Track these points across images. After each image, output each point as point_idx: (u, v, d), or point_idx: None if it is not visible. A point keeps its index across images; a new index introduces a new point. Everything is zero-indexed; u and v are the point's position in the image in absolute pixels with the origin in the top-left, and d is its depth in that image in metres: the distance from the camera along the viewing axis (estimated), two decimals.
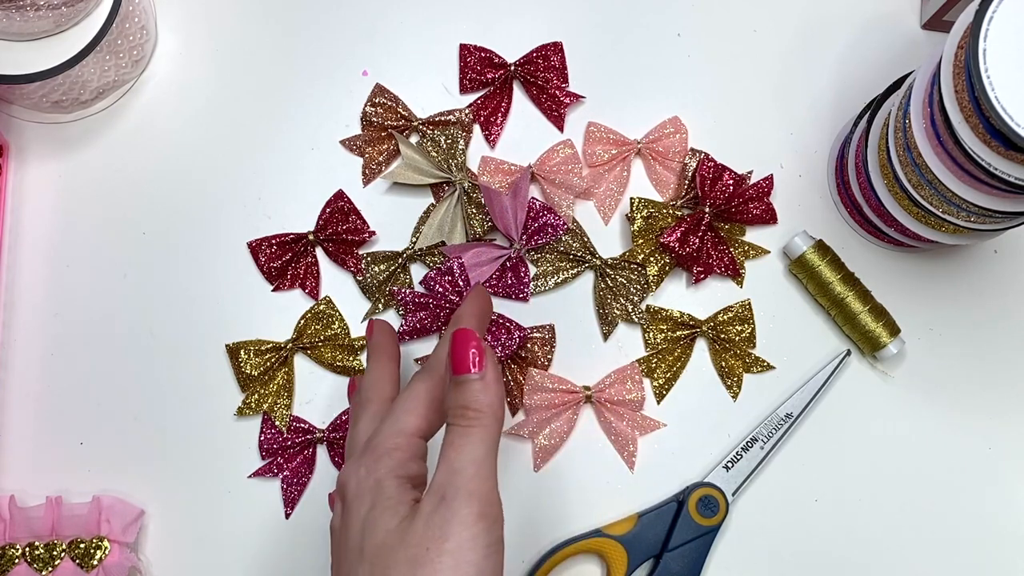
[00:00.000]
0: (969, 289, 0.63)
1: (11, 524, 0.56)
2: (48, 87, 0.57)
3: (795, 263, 0.62)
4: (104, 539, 0.56)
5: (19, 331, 0.61)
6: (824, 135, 0.64)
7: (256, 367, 0.59)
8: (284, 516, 0.59)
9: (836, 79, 0.65)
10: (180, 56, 0.64)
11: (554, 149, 0.62)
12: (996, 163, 0.48)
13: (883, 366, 0.62)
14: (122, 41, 0.59)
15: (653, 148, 0.63)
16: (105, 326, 0.61)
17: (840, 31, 0.65)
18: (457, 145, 0.62)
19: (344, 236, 0.61)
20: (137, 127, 0.63)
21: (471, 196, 0.61)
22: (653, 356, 0.61)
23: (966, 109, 0.48)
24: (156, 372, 0.60)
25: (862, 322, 0.60)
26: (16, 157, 0.62)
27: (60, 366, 0.60)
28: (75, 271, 0.61)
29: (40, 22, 0.54)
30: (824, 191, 0.64)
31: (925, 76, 0.52)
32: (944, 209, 0.54)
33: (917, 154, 0.53)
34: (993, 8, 0.46)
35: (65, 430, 0.60)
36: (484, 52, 0.63)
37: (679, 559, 0.58)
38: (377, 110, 0.63)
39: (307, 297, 0.61)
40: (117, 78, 0.61)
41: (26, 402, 0.60)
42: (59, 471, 0.59)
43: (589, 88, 0.64)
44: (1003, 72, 0.46)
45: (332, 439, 0.60)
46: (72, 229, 0.62)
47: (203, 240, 0.62)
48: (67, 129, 0.63)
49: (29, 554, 0.56)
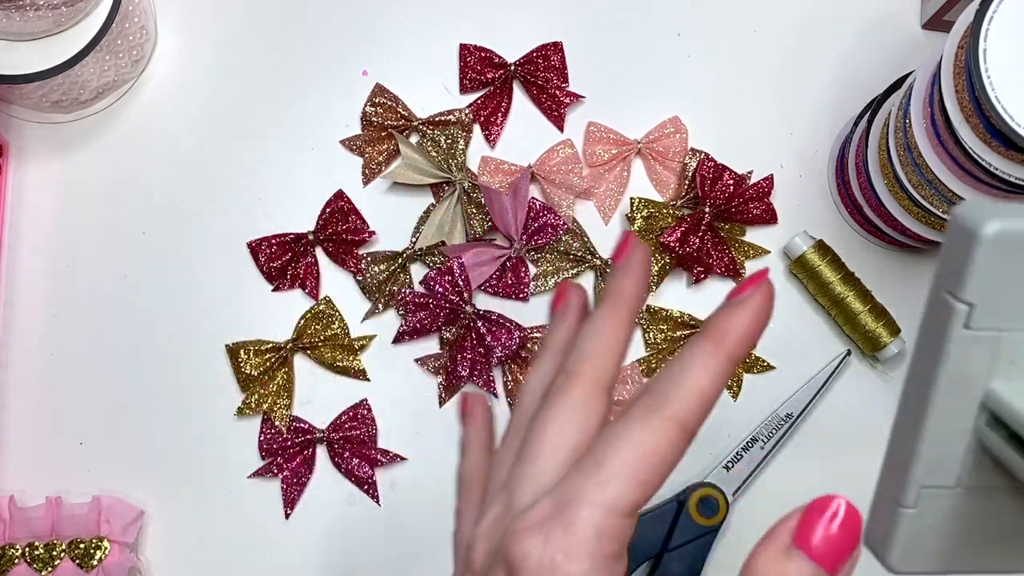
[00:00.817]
0: None
1: (11, 524, 0.56)
2: (48, 87, 0.57)
3: (795, 263, 0.62)
4: (104, 539, 0.56)
5: (19, 331, 0.61)
6: (824, 135, 0.64)
7: (256, 367, 0.59)
8: (284, 516, 0.59)
9: (836, 79, 0.65)
10: (180, 56, 0.64)
11: (554, 149, 0.62)
12: (996, 163, 0.48)
13: (883, 366, 0.62)
14: (122, 41, 0.59)
15: (653, 148, 0.63)
16: (105, 326, 0.61)
17: (840, 31, 0.65)
18: (457, 145, 0.62)
19: (344, 236, 0.61)
20: (137, 127, 0.63)
21: (471, 196, 0.61)
22: (653, 356, 0.61)
23: (966, 109, 0.48)
24: (156, 372, 0.60)
25: (862, 322, 0.60)
26: (16, 157, 0.62)
27: (60, 366, 0.60)
28: (75, 271, 0.61)
29: (40, 22, 0.54)
30: (824, 191, 0.64)
31: (925, 76, 0.52)
32: (944, 209, 0.54)
33: (917, 154, 0.53)
34: (993, 8, 0.46)
35: (65, 430, 0.60)
36: (484, 52, 0.63)
37: (679, 559, 0.58)
38: (377, 110, 0.63)
39: (307, 297, 0.61)
40: (117, 78, 0.61)
41: (26, 402, 0.60)
42: (59, 471, 0.59)
43: (589, 88, 0.64)
44: (1003, 72, 0.46)
45: (332, 439, 0.59)
46: (72, 229, 0.62)
47: (203, 240, 0.62)
48: (67, 129, 0.63)
49: (29, 554, 0.56)
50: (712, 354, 0.32)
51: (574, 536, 0.30)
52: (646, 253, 0.36)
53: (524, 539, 0.31)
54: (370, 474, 0.59)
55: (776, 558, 0.30)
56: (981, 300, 0.29)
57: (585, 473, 0.31)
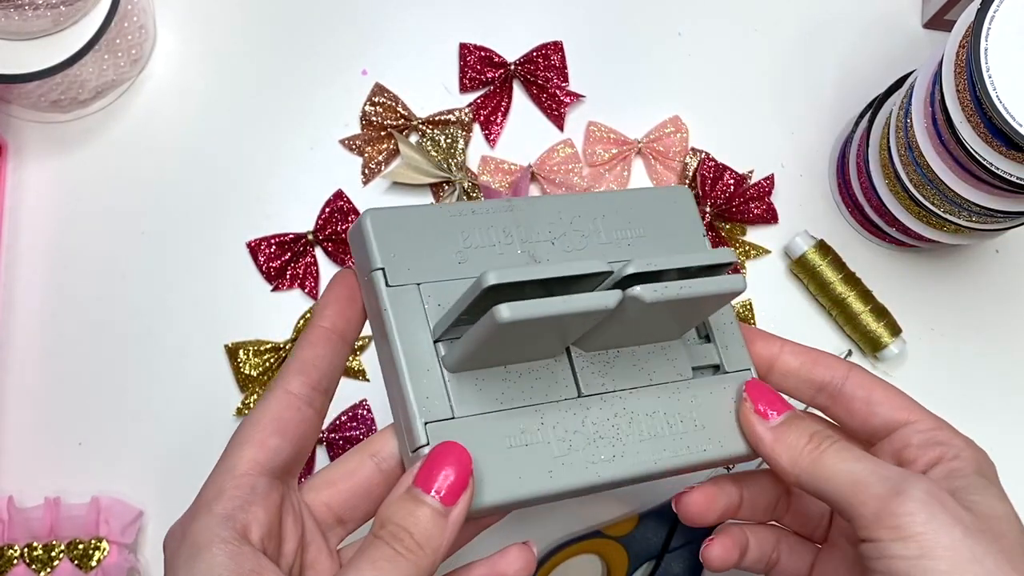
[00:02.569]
0: (971, 289, 0.63)
1: (9, 525, 0.56)
2: (46, 86, 0.57)
3: (796, 263, 0.62)
4: (103, 540, 0.56)
5: (17, 331, 0.60)
6: (825, 135, 0.64)
7: (255, 367, 0.59)
8: None
9: (837, 78, 0.65)
10: (179, 55, 0.64)
11: (554, 148, 0.62)
12: (998, 162, 0.48)
13: (884, 366, 0.62)
14: (120, 40, 0.58)
15: (653, 148, 0.63)
16: (104, 326, 0.61)
17: (841, 30, 0.65)
18: (457, 144, 0.62)
19: (344, 236, 0.61)
20: (136, 126, 0.63)
21: (471, 196, 0.61)
22: None
23: (968, 108, 0.47)
24: (155, 372, 0.60)
25: (863, 322, 0.60)
26: (14, 157, 0.62)
27: (59, 366, 0.60)
28: (74, 271, 0.61)
29: (38, 21, 0.53)
30: (825, 191, 0.64)
31: (926, 75, 0.52)
32: (946, 209, 0.54)
33: (919, 153, 0.53)
34: (995, 7, 0.46)
35: (64, 430, 0.60)
36: (484, 51, 0.63)
37: (680, 560, 0.58)
38: (377, 109, 0.63)
39: (306, 297, 0.61)
40: (116, 77, 0.61)
41: (24, 402, 0.60)
42: (58, 471, 0.59)
43: (589, 88, 0.64)
44: (1005, 71, 0.45)
45: (331, 440, 0.59)
46: (71, 229, 0.61)
47: (202, 240, 0.62)
48: (66, 128, 0.62)
49: (27, 555, 0.56)
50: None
51: (195, 505, 0.39)
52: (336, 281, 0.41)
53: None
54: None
55: (403, 500, 0.35)
56: (387, 263, 0.39)
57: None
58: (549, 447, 0.39)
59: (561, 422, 0.40)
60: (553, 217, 0.42)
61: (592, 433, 0.40)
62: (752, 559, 0.45)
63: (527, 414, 0.40)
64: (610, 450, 0.40)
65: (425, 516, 0.35)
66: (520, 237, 0.42)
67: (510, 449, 0.39)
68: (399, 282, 0.39)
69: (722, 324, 0.44)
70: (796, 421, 0.41)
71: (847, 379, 0.43)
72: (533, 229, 0.42)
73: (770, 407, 0.42)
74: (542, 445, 0.39)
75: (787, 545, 0.46)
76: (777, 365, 0.44)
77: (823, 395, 0.44)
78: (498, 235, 0.41)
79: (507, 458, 0.39)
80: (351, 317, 0.40)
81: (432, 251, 0.40)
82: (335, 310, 0.40)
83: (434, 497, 0.35)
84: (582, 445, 0.40)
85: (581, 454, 0.40)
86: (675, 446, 0.41)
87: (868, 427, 0.43)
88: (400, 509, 0.35)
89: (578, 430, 0.40)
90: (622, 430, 0.41)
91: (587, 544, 0.58)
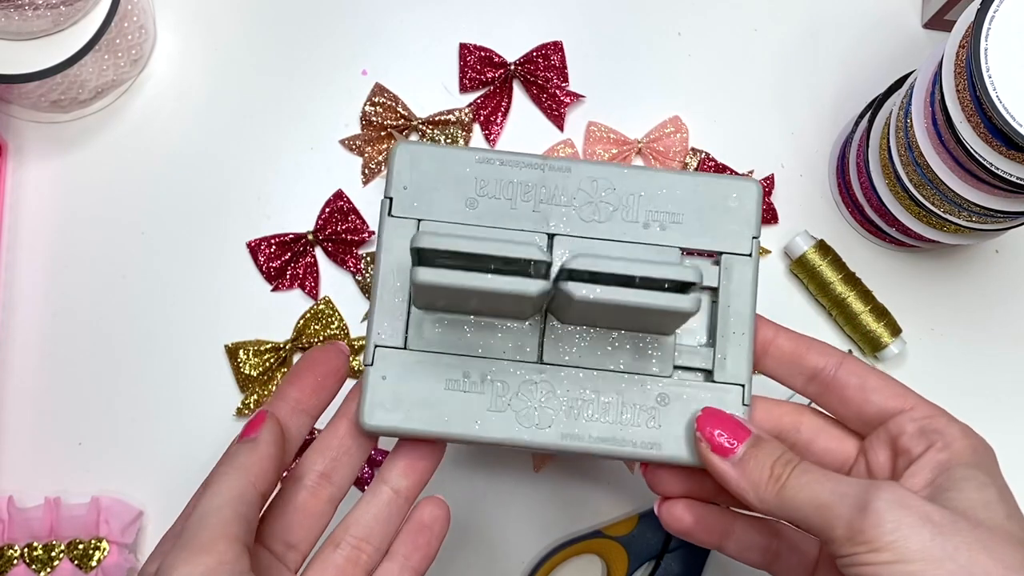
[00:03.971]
0: (971, 289, 0.63)
1: (9, 525, 0.56)
2: (47, 86, 0.57)
3: (796, 263, 0.62)
4: (103, 540, 0.56)
5: (18, 331, 0.60)
6: (825, 135, 0.64)
7: (255, 367, 0.59)
8: None
9: (837, 78, 0.65)
10: (179, 55, 0.64)
11: (554, 149, 0.62)
12: (998, 162, 0.48)
13: (885, 366, 0.62)
14: (120, 40, 0.58)
15: (654, 148, 0.63)
16: (104, 326, 0.61)
17: (841, 30, 0.65)
18: (457, 144, 0.62)
19: (344, 236, 0.61)
20: (136, 127, 0.63)
21: None
22: None
23: (968, 108, 0.47)
24: (155, 372, 0.60)
25: (863, 322, 0.60)
26: (15, 157, 0.62)
27: (59, 366, 0.60)
28: (74, 271, 0.61)
29: (38, 21, 0.53)
30: (825, 191, 0.64)
31: (926, 75, 0.52)
32: (946, 209, 0.54)
33: (919, 153, 0.53)
34: (995, 7, 0.46)
35: (64, 430, 0.60)
36: (484, 51, 0.63)
37: (680, 560, 0.58)
38: (377, 109, 0.63)
39: (306, 297, 0.61)
40: (116, 77, 0.61)
41: (24, 402, 0.60)
42: (58, 471, 0.59)
43: (589, 88, 0.64)
44: (1005, 71, 0.45)
45: None
46: (71, 229, 0.61)
47: (202, 240, 0.62)
48: (66, 128, 0.62)
49: (27, 555, 0.56)
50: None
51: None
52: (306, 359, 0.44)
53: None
54: (370, 474, 0.59)
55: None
56: (396, 194, 0.42)
57: None
58: (483, 398, 0.41)
59: (509, 381, 0.41)
60: (587, 184, 0.42)
61: (536, 399, 0.41)
62: (737, 549, 0.45)
63: (477, 364, 0.41)
64: (548, 419, 0.41)
65: (240, 448, 0.42)
66: (539, 197, 0.42)
67: (446, 392, 0.41)
68: (401, 214, 0.42)
69: (729, 333, 0.43)
70: (756, 451, 0.40)
71: (840, 366, 0.42)
72: (559, 191, 0.42)
73: (731, 436, 0.40)
74: (477, 396, 0.41)
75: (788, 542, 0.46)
76: (771, 350, 0.44)
77: (815, 383, 0.43)
78: (516, 190, 0.42)
79: (440, 399, 0.41)
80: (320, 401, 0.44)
81: (444, 192, 0.42)
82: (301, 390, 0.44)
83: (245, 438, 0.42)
84: (521, 407, 0.41)
85: (516, 415, 0.41)
86: (619, 437, 0.41)
87: (862, 416, 0.42)
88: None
89: (523, 393, 0.41)
90: (568, 405, 0.41)
91: (587, 544, 0.58)
